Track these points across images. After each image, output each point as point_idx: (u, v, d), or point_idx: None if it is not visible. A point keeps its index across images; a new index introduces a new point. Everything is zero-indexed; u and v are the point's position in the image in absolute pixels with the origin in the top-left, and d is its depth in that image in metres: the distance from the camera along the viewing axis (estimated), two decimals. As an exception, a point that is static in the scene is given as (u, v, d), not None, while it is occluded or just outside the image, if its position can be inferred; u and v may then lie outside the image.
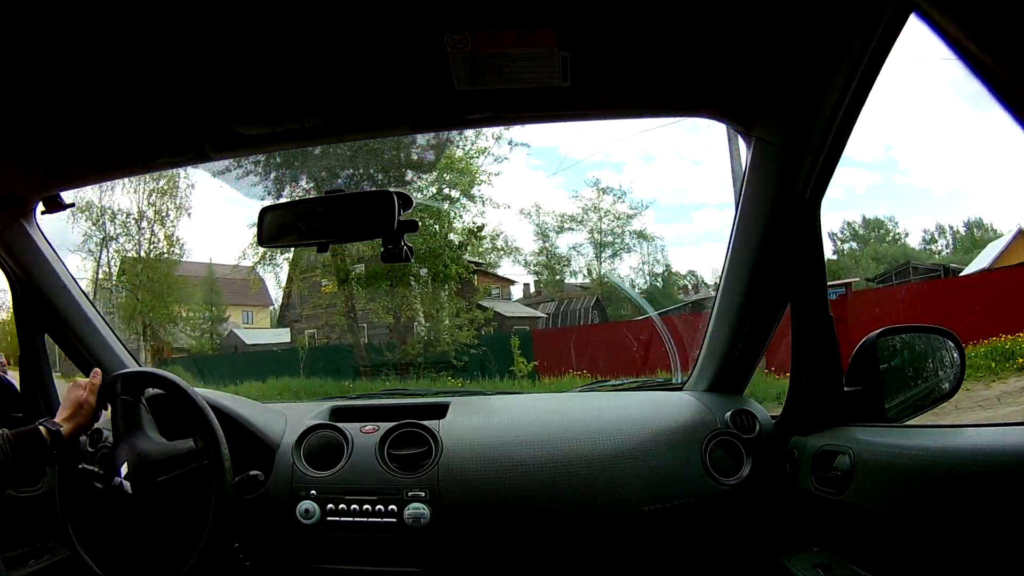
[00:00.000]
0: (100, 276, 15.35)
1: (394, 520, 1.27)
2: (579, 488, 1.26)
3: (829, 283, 1.20)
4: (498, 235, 13.02)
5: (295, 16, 0.84)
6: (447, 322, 12.06)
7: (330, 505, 1.29)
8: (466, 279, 12.37)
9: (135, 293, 15.11)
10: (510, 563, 1.29)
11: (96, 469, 1.24)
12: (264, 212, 1.23)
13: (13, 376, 1.59)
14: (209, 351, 15.80)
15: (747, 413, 1.35)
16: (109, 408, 1.28)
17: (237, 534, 1.28)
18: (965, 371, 1.30)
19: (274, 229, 1.22)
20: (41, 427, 1.17)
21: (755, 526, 1.28)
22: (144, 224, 14.97)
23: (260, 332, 17.45)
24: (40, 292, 1.48)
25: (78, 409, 1.21)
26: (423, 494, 1.28)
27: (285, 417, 1.48)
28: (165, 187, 14.78)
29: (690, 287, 17.95)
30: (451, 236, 11.92)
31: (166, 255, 15.13)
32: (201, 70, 0.94)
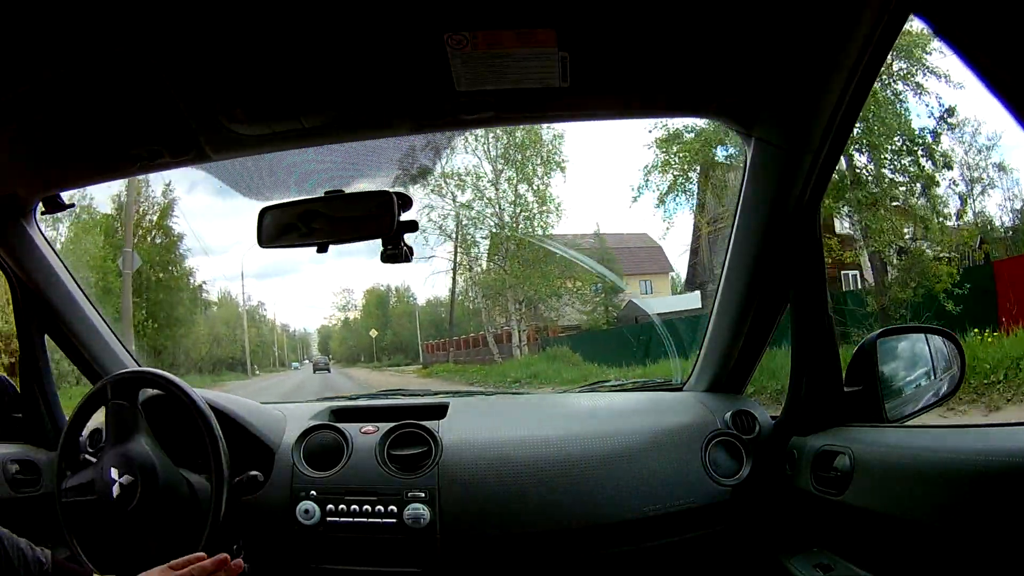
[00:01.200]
0: (457, 249, 13.50)
1: (394, 520, 1.27)
2: (578, 489, 1.26)
3: None
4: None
5: (295, 16, 0.84)
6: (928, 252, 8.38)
7: (330, 505, 1.29)
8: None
9: (502, 266, 13.25)
10: (510, 564, 1.29)
11: (93, 461, 1.24)
12: (264, 212, 1.23)
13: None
14: (604, 325, 13.73)
15: (747, 413, 1.35)
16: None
17: (237, 534, 1.28)
18: (965, 372, 1.30)
19: (273, 230, 1.22)
20: None
21: (755, 526, 1.28)
22: (505, 186, 12.62)
23: (664, 300, 15.50)
24: (40, 292, 1.48)
25: None
26: (423, 494, 1.27)
27: (284, 417, 1.48)
28: (525, 140, 12.24)
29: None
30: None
31: (536, 215, 12.71)
32: (201, 70, 0.94)
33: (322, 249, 1.21)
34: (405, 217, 1.16)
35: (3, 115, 1.01)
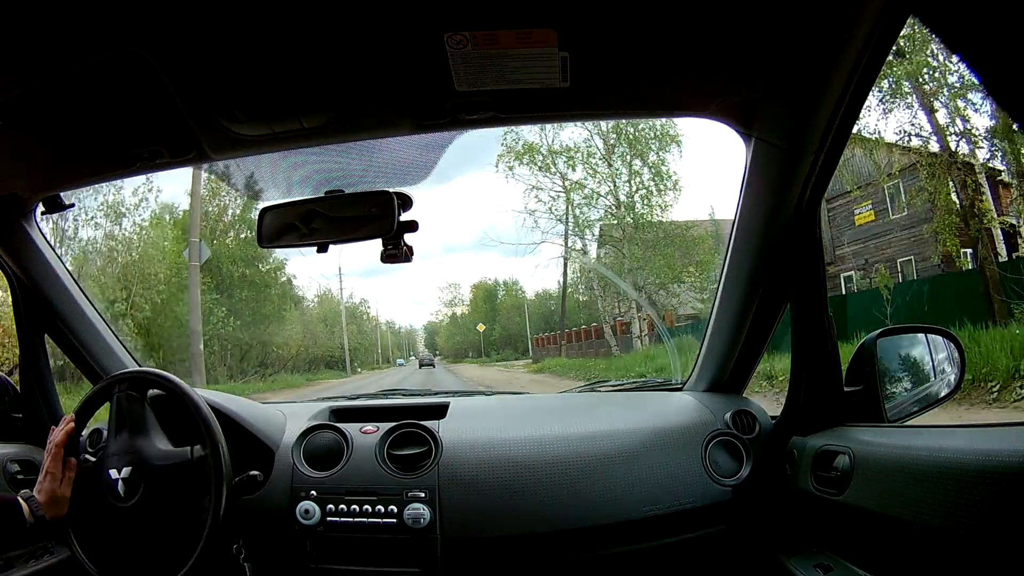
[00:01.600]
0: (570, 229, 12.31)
1: (394, 521, 1.27)
2: (579, 489, 1.26)
3: None
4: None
5: (295, 16, 0.84)
6: None
7: (330, 506, 1.29)
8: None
9: (620, 249, 12.07)
10: (510, 564, 1.29)
11: (94, 460, 1.24)
12: (264, 212, 1.23)
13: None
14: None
15: (747, 413, 1.35)
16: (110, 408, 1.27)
17: (237, 534, 1.28)
18: (965, 371, 1.31)
19: (274, 230, 1.23)
20: (24, 504, 1.13)
21: (755, 526, 1.28)
22: (619, 163, 11.47)
23: None
24: (40, 292, 1.48)
25: (54, 501, 1.17)
26: (423, 494, 1.28)
27: (284, 417, 1.48)
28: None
29: None
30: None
31: (654, 192, 11.33)
32: (200, 70, 0.94)
33: (322, 249, 1.21)
34: (405, 217, 1.16)
35: (3, 115, 1.01)
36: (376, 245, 1.19)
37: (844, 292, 11.41)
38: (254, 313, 15.12)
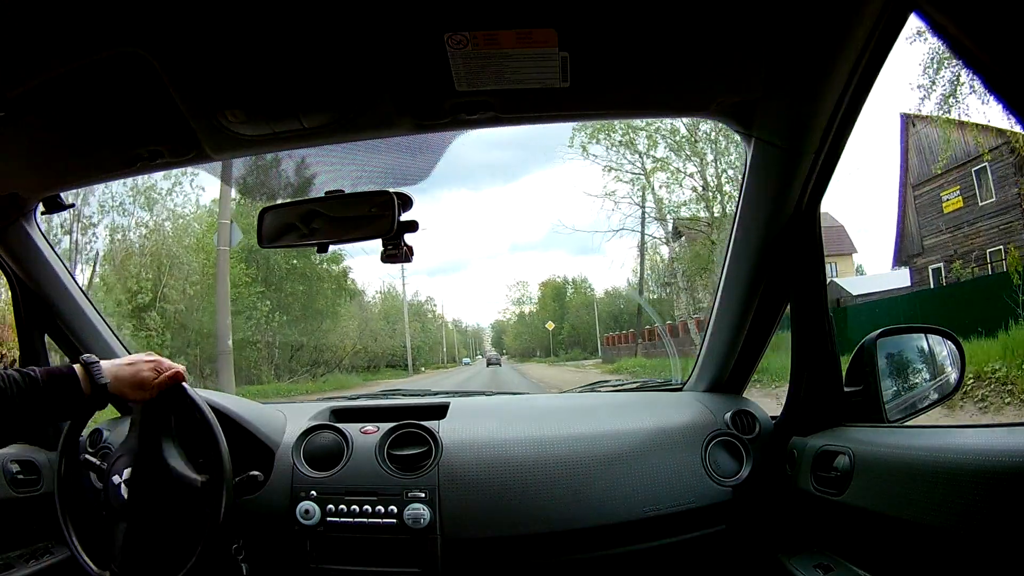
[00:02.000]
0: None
1: (394, 521, 1.27)
2: (579, 489, 1.26)
3: None
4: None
5: (295, 16, 0.84)
6: None
7: (330, 506, 1.29)
8: None
9: (708, 235, 11.50)
10: (510, 564, 1.29)
11: (99, 463, 1.24)
12: (264, 212, 1.23)
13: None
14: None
15: (747, 414, 1.35)
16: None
17: (237, 535, 1.28)
18: (964, 372, 1.31)
19: (274, 230, 1.23)
20: (79, 370, 1.00)
21: (755, 526, 1.28)
22: (702, 144, 10.76)
23: (869, 279, 14.23)
24: (40, 292, 1.48)
25: (138, 385, 1.09)
26: (423, 495, 1.28)
27: (285, 417, 1.48)
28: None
29: None
30: None
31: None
32: (201, 70, 0.94)
33: (322, 249, 1.21)
34: (405, 217, 1.16)
35: (3, 115, 1.01)
36: (375, 245, 1.19)
37: (932, 285, 10.59)
38: (305, 308, 14.18)
